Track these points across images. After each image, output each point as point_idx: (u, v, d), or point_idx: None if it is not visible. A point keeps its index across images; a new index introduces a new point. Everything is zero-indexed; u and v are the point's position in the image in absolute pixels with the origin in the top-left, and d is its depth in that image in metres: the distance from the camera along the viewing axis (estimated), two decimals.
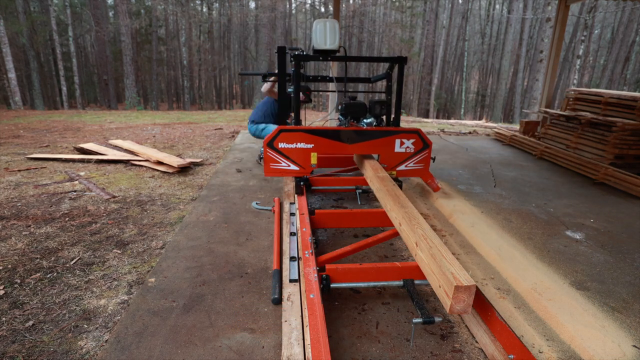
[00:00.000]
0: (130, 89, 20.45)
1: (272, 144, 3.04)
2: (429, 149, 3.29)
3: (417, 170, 3.33)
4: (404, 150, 3.21)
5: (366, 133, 3.16)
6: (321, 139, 3.11)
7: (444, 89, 28.93)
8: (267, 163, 3.07)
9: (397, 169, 3.28)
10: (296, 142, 3.07)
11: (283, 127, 3.07)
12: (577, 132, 5.75)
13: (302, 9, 32.80)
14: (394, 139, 3.18)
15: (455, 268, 1.63)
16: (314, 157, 3.12)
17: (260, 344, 1.84)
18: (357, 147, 3.17)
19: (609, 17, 27.39)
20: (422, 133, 3.21)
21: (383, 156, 3.24)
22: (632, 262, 2.72)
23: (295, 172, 3.15)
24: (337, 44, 3.23)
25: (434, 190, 3.61)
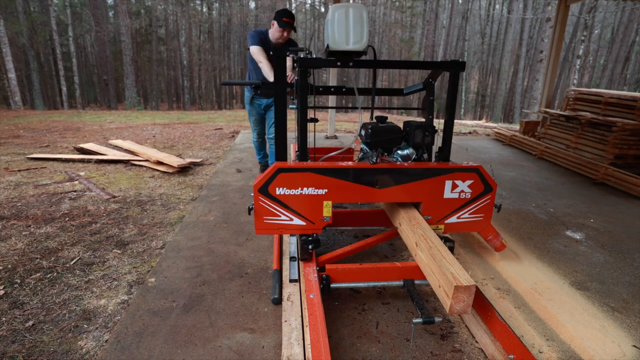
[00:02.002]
0: (130, 89, 20.45)
1: (267, 189, 2.09)
2: (492, 194, 2.32)
3: (475, 223, 2.36)
4: (457, 195, 2.26)
5: (404, 172, 2.19)
6: (339, 181, 2.15)
7: (444, 89, 28.90)
8: (260, 216, 2.12)
9: (446, 222, 2.31)
10: (302, 187, 2.12)
11: (281, 165, 2.07)
12: (577, 132, 5.75)
13: (302, 9, 32.80)
14: (444, 180, 2.22)
15: (455, 268, 1.63)
16: (327, 208, 2.17)
17: (260, 344, 1.84)
18: (390, 193, 2.21)
19: (609, 17, 27.40)
20: (484, 170, 2.24)
21: (427, 204, 2.27)
22: (632, 262, 2.72)
23: (300, 228, 2.20)
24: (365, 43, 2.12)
25: (497, 250, 2.68)
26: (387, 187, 2.20)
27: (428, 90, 2.61)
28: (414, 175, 2.21)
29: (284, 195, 2.12)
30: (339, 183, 2.15)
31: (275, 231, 2.20)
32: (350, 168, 2.16)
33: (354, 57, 2.19)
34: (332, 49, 2.13)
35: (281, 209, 2.14)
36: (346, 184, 2.16)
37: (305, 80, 2.22)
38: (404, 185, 2.22)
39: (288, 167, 2.08)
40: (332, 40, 2.11)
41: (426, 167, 2.22)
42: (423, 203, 2.26)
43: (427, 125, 2.36)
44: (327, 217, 2.19)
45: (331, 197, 2.16)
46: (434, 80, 2.57)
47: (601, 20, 28.12)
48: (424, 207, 2.28)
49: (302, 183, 2.11)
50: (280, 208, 2.14)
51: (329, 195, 2.16)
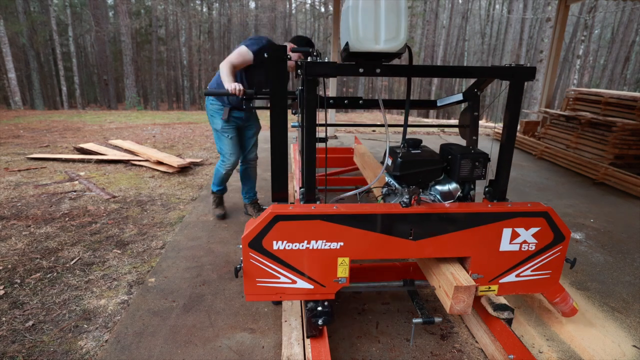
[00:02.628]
0: (130, 89, 20.45)
1: (260, 243, 1.58)
2: (563, 244, 1.74)
3: (539, 282, 1.80)
4: (518, 247, 1.71)
5: (448, 218, 1.64)
6: (359, 231, 1.60)
7: (444, 89, 28.92)
8: (251, 278, 1.63)
9: (501, 281, 1.76)
10: (309, 240, 1.59)
11: (280, 211, 1.55)
12: (577, 132, 5.75)
13: (302, 9, 32.80)
14: (501, 228, 1.67)
15: (455, 268, 1.63)
16: (343, 266, 1.65)
17: (260, 344, 1.84)
18: (428, 247, 1.66)
19: (609, 17, 27.40)
20: (554, 214, 1.68)
21: (477, 259, 1.71)
22: (632, 262, 2.72)
23: (306, 292, 1.69)
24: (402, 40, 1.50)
25: (565, 316, 2.07)
26: (424, 238, 1.64)
27: (471, 103, 2.02)
28: (461, 221, 1.65)
29: (284, 250, 1.59)
30: (359, 234, 1.60)
31: (273, 297, 1.67)
32: (375, 214, 1.60)
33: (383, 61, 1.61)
34: (353, 50, 1.51)
35: (280, 268, 1.62)
36: (369, 234, 1.61)
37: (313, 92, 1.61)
38: (448, 235, 1.65)
39: (289, 213, 1.54)
40: (355, 37, 1.48)
41: (478, 210, 1.65)
42: (472, 258, 1.71)
43: (478, 154, 1.80)
44: (342, 278, 1.67)
45: (348, 253, 1.62)
46: (480, 90, 2.00)
47: (601, 20, 28.12)
48: (472, 263, 1.71)
49: (310, 234, 1.58)
50: (279, 267, 1.62)
51: (345, 250, 1.62)
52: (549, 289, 1.87)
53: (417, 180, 1.79)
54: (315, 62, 1.55)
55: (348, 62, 1.58)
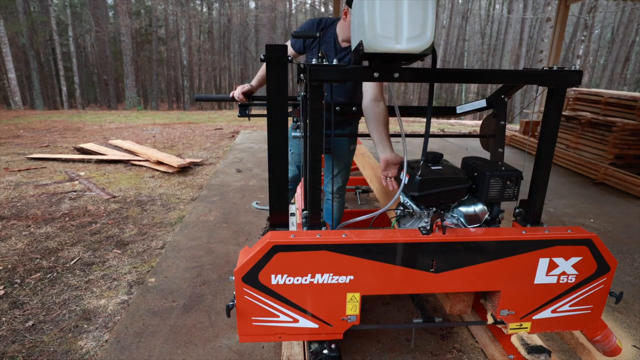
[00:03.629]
0: (130, 89, 20.46)
1: (257, 278, 1.36)
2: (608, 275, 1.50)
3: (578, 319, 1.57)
4: (555, 280, 1.48)
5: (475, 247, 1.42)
6: (372, 262, 1.38)
7: (444, 88, 28.94)
8: (246, 317, 1.40)
9: (535, 318, 1.54)
10: (313, 273, 1.37)
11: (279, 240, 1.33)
12: (577, 132, 5.75)
13: (302, 9, 32.81)
14: (537, 258, 1.44)
15: None
16: (353, 303, 1.43)
17: (260, 344, 1.84)
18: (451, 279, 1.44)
19: (609, 17, 27.41)
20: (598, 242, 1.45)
21: (508, 294, 1.49)
22: (632, 262, 2.73)
23: (309, 332, 1.46)
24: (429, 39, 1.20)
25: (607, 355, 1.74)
26: (448, 270, 1.42)
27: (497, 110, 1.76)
28: (492, 251, 1.42)
29: (284, 285, 1.37)
30: (372, 266, 1.38)
31: (272, 337, 1.44)
32: (391, 243, 1.37)
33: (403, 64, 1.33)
34: (368, 51, 1.22)
35: (280, 305, 1.40)
36: (384, 267, 1.39)
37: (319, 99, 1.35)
38: (475, 267, 1.43)
39: (290, 243, 1.33)
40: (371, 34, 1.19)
41: (512, 237, 1.42)
42: (502, 292, 1.48)
43: (510, 171, 1.54)
44: (352, 316, 1.43)
45: (359, 288, 1.40)
46: (508, 96, 1.76)
47: (601, 20, 28.12)
48: (503, 297, 1.48)
49: (314, 267, 1.36)
50: (279, 304, 1.40)
51: (355, 285, 1.40)
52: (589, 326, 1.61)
53: (438, 201, 1.53)
54: (322, 66, 1.29)
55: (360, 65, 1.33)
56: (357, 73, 1.34)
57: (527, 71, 1.39)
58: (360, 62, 1.31)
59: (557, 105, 1.43)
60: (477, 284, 1.45)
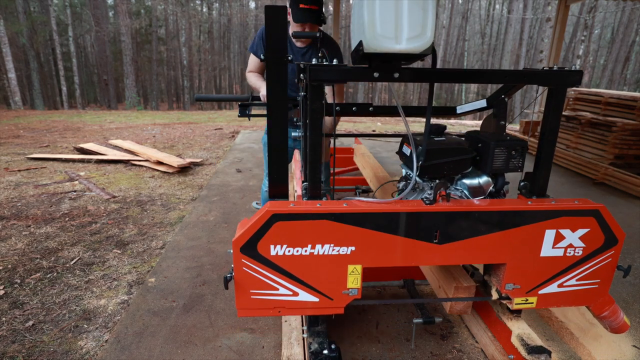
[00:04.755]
0: (130, 89, 20.46)
1: (255, 248, 1.32)
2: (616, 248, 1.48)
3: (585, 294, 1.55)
4: (562, 252, 1.44)
5: (479, 217, 1.38)
6: (374, 233, 1.35)
7: (444, 89, 28.94)
8: (244, 290, 1.37)
9: (540, 292, 1.51)
10: (313, 244, 1.34)
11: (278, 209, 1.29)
12: (577, 132, 5.75)
13: None
14: (543, 229, 1.41)
15: (455, 268, 1.63)
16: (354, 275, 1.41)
17: (260, 344, 1.84)
18: (456, 251, 1.41)
19: (609, 17, 27.41)
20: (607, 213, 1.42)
21: (513, 267, 1.46)
22: (632, 262, 2.73)
23: (309, 306, 1.44)
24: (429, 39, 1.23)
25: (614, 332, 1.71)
26: (452, 241, 1.39)
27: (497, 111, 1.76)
28: (497, 221, 1.39)
29: (283, 256, 1.33)
30: (374, 236, 1.34)
31: (271, 311, 1.41)
32: (394, 212, 1.34)
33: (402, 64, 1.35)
34: (368, 51, 1.23)
35: (279, 277, 1.36)
36: (386, 237, 1.35)
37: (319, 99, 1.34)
38: (480, 238, 1.40)
39: (290, 212, 1.29)
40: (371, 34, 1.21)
41: (517, 208, 1.39)
42: (507, 265, 1.45)
43: (515, 141, 1.53)
44: (353, 289, 1.41)
45: (361, 259, 1.37)
46: (508, 96, 1.76)
47: (601, 20, 28.12)
48: (508, 271, 1.46)
49: (315, 237, 1.32)
50: (278, 276, 1.36)
51: (357, 257, 1.36)
52: (597, 302, 1.58)
53: (441, 172, 1.51)
54: (322, 66, 1.29)
55: (361, 65, 1.33)
56: (358, 73, 1.34)
57: (527, 71, 1.39)
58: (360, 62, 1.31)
59: (558, 105, 1.43)
60: (482, 256, 1.42)
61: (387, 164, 5.08)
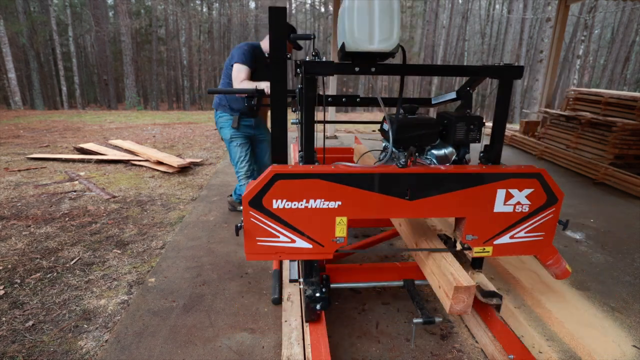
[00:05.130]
0: (130, 89, 20.46)
1: (261, 202, 1.60)
2: (556, 206, 1.81)
3: (532, 244, 1.85)
4: (512, 208, 1.75)
5: (444, 178, 1.68)
6: (357, 190, 1.64)
7: (444, 89, 28.93)
8: (251, 237, 1.65)
9: (495, 243, 1.79)
10: (308, 198, 1.63)
11: (280, 170, 1.59)
12: (577, 132, 5.75)
13: (302, 9, 32.82)
14: (495, 189, 1.72)
15: (455, 268, 1.63)
16: (341, 225, 1.69)
17: (260, 344, 1.84)
18: (424, 206, 1.70)
19: (609, 17, 27.41)
20: (547, 176, 1.75)
21: (472, 220, 1.75)
22: (632, 262, 2.73)
23: (305, 252, 1.72)
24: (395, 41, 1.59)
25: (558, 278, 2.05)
26: (420, 198, 1.68)
27: (464, 101, 2.08)
28: (457, 182, 1.68)
29: (283, 209, 1.61)
30: (357, 193, 1.64)
31: (273, 256, 1.69)
32: (373, 173, 1.64)
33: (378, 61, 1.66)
34: (349, 50, 1.57)
35: (280, 227, 1.64)
36: (367, 194, 1.65)
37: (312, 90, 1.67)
38: (444, 195, 1.69)
39: (289, 172, 1.57)
40: (350, 37, 1.55)
41: (473, 171, 1.69)
42: (467, 218, 1.73)
43: (473, 117, 1.84)
44: (340, 237, 1.70)
45: (346, 212, 1.65)
46: (472, 89, 2.05)
47: (601, 20, 28.12)
48: (467, 224, 1.74)
49: (309, 193, 1.61)
50: (279, 226, 1.64)
51: (343, 210, 1.65)
52: (543, 251, 1.90)
53: (413, 143, 1.83)
54: (314, 62, 1.61)
55: (345, 62, 1.66)
56: (342, 68, 1.67)
57: (482, 66, 1.74)
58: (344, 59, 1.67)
59: (506, 93, 1.77)
60: (446, 211, 1.71)
61: None
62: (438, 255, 1.72)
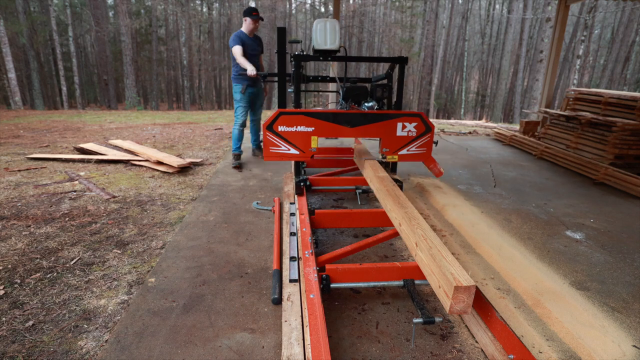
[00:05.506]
0: (130, 89, 20.45)
1: (272, 127, 2.96)
2: (431, 133, 3.15)
3: (419, 155, 3.19)
4: (406, 134, 3.07)
5: (367, 116, 3.06)
6: (321, 122, 3.00)
7: (444, 89, 28.93)
8: (267, 147, 3.00)
9: (399, 153, 3.15)
10: (296, 125, 2.97)
11: (283, 110, 2.97)
12: (577, 132, 5.75)
13: (302, 9, 32.81)
14: (396, 123, 3.05)
15: (455, 268, 1.63)
16: (314, 141, 3.01)
17: (260, 344, 1.84)
18: (358, 131, 3.05)
19: (609, 17, 27.40)
20: (425, 116, 3.07)
21: (384, 140, 3.10)
22: (632, 262, 2.73)
23: (295, 156, 3.06)
24: (337, 44, 3.29)
25: (437, 175, 3.45)
26: (356, 126, 3.07)
27: (388, 79, 3.66)
28: (374, 118, 3.09)
29: (284, 131, 3.00)
30: (323, 123, 3.03)
31: (277, 158, 3.06)
32: (331, 112, 3.06)
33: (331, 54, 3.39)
34: (316, 49, 3.38)
35: (282, 141, 3.02)
36: (328, 124, 3.04)
37: (299, 71, 3.29)
38: (368, 125, 3.08)
39: (288, 111, 3.01)
40: (316, 42, 3.36)
41: (383, 113, 3.12)
42: (382, 139, 3.13)
43: (384, 85, 3.51)
44: (314, 148, 3.07)
45: (317, 133, 3.05)
46: (392, 70, 3.61)
47: (601, 20, 28.12)
48: (383, 142, 3.15)
49: (297, 123, 3.00)
50: (281, 141, 3.02)
51: (315, 132, 3.05)
52: (426, 159, 3.30)
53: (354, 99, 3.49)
54: (300, 55, 3.27)
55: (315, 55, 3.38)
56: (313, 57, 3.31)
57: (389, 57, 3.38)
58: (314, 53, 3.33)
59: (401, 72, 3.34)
60: (370, 134, 3.12)
61: None
62: (438, 255, 1.72)
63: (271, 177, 4.43)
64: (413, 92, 28.19)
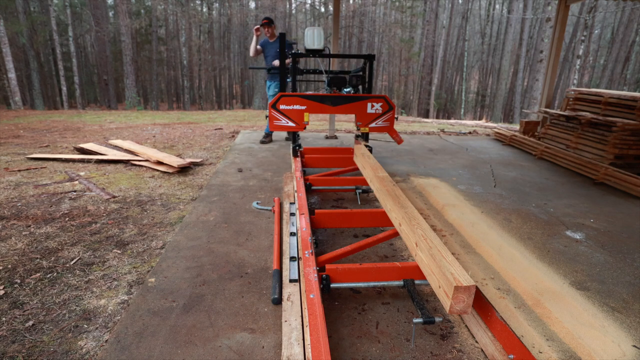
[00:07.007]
0: (130, 89, 20.46)
1: (275, 105, 3.94)
2: (393, 111, 4.14)
3: (385, 127, 4.17)
4: (374, 111, 4.08)
5: (346, 98, 4.06)
6: (312, 102, 3.97)
7: (444, 89, 28.92)
8: (272, 121, 3.98)
9: (370, 126, 4.14)
10: (293, 104, 3.94)
11: (283, 93, 3.98)
12: (577, 132, 5.75)
13: (302, 9, 32.81)
14: (366, 103, 4.06)
15: (455, 268, 1.63)
16: (306, 116, 3.99)
17: (260, 344, 1.84)
18: (339, 109, 4.04)
19: (609, 17, 27.40)
20: (388, 98, 4.09)
21: (358, 116, 4.09)
22: (632, 262, 2.73)
23: (292, 127, 4.02)
24: (322, 45, 4.30)
25: (398, 143, 4.53)
26: (338, 105, 4.02)
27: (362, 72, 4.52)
28: (351, 99, 4.06)
29: (284, 109, 3.94)
30: (313, 103, 3.98)
31: (279, 129, 4.01)
32: (319, 95, 4.03)
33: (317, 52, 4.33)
34: (307, 49, 4.33)
35: (282, 116, 3.96)
36: (316, 103, 3.99)
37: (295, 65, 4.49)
38: (346, 105, 4.04)
39: (286, 94, 3.97)
40: (307, 43, 4.31)
41: (357, 96, 4.13)
42: (357, 115, 4.10)
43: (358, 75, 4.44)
44: (306, 122, 4.01)
45: (308, 110, 3.99)
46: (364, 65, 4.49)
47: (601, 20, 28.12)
48: (357, 117, 4.11)
49: (294, 102, 3.93)
50: (282, 116, 3.96)
51: (307, 109, 3.98)
52: (390, 130, 4.24)
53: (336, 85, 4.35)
54: (296, 52, 4.40)
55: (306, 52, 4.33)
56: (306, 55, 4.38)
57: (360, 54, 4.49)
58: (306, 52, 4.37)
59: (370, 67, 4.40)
60: (347, 111, 4.07)
61: (387, 164, 5.08)
62: (438, 255, 1.72)
63: (271, 177, 4.43)
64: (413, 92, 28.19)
